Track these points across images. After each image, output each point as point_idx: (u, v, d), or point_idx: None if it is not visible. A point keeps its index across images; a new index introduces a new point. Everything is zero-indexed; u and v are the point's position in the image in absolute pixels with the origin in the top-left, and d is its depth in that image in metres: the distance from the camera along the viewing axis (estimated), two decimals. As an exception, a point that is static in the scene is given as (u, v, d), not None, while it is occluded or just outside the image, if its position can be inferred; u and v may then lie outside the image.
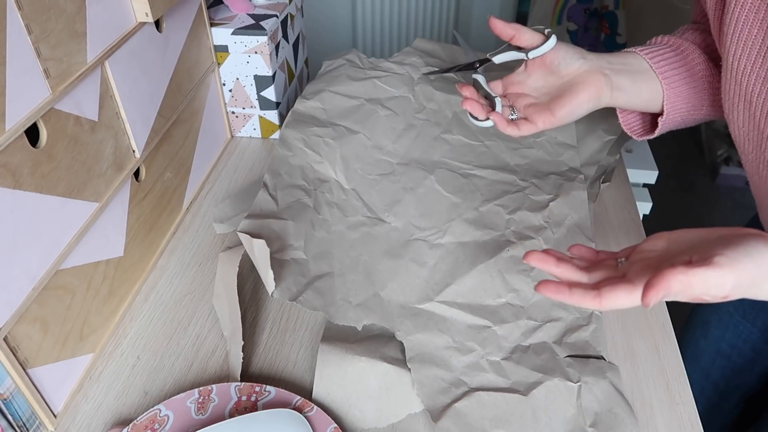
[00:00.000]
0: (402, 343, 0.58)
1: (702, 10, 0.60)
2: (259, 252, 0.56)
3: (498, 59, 0.57)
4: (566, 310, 0.61)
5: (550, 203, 0.69)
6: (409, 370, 0.55)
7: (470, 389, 0.54)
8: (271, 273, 0.55)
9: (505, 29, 0.55)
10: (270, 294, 0.56)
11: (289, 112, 0.77)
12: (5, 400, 0.48)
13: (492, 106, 0.57)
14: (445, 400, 0.53)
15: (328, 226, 0.67)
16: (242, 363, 0.56)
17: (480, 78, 0.58)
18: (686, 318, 0.85)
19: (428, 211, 0.70)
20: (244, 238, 0.58)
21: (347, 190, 0.71)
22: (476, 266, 0.63)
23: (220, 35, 0.80)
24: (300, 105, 0.77)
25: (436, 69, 0.64)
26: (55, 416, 0.54)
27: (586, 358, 0.57)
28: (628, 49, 0.59)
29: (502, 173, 0.74)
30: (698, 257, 0.38)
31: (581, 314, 0.60)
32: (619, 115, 0.62)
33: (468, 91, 0.57)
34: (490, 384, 0.55)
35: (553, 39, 0.55)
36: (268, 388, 0.54)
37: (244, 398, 0.53)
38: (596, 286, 0.40)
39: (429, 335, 0.58)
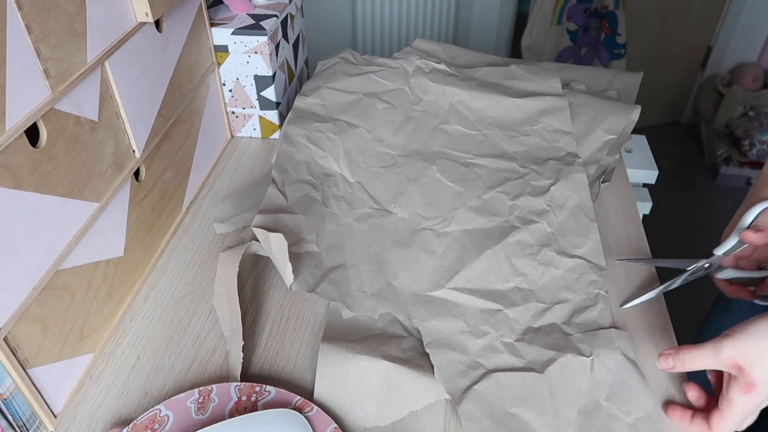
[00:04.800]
0: (402, 342, 0.58)
1: None
2: (276, 246, 0.57)
3: (722, 250, 0.57)
4: (573, 291, 0.62)
5: (551, 187, 0.71)
6: (410, 368, 0.55)
7: (488, 371, 0.55)
8: (289, 266, 0.56)
9: (759, 238, 0.55)
10: (288, 286, 0.57)
11: (291, 110, 0.78)
12: (5, 400, 0.48)
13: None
14: (465, 383, 0.54)
15: (337, 219, 0.68)
16: (242, 363, 0.56)
17: (728, 273, 0.59)
18: (699, 324, 0.85)
19: (432, 200, 0.71)
20: (260, 232, 0.59)
21: (352, 183, 0.73)
22: (483, 252, 0.64)
23: (220, 35, 0.80)
24: (300, 102, 0.79)
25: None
26: (55, 416, 0.54)
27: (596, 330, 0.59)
28: None
29: (502, 161, 0.75)
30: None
31: (588, 295, 0.62)
32: None
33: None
34: (506, 364, 0.56)
35: None
36: (268, 388, 0.54)
37: (244, 398, 0.53)
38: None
39: (443, 321, 0.59)
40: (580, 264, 0.64)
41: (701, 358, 0.49)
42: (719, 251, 0.58)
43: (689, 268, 0.59)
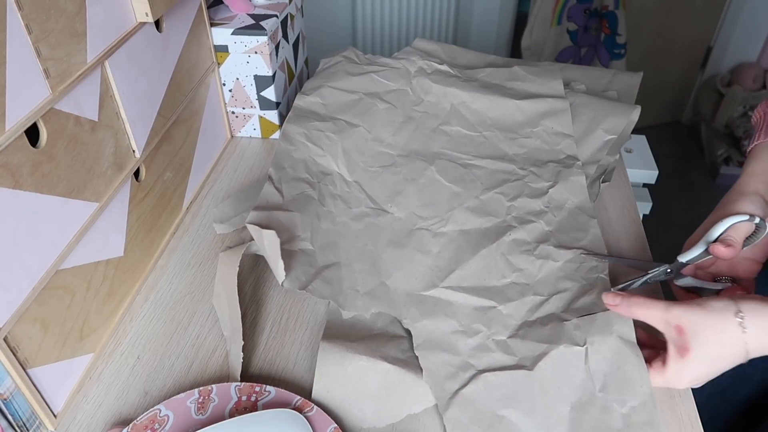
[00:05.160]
0: (402, 343, 0.58)
1: None
2: (269, 242, 0.57)
3: (687, 258, 0.58)
4: (573, 280, 0.62)
5: (550, 190, 0.71)
6: (409, 370, 0.55)
7: (477, 372, 0.54)
8: (281, 263, 0.56)
9: (729, 253, 0.54)
10: (280, 283, 0.57)
11: (291, 109, 0.78)
12: (5, 400, 0.48)
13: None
14: (453, 387, 0.53)
15: (333, 217, 0.68)
16: (242, 363, 0.56)
17: (687, 281, 0.59)
18: None
19: (430, 200, 0.71)
20: (254, 229, 0.59)
21: (350, 182, 0.72)
22: (479, 251, 0.64)
23: (220, 35, 0.80)
24: (300, 101, 0.79)
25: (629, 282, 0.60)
26: (55, 416, 0.54)
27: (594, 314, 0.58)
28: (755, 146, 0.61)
29: (501, 162, 0.75)
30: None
31: (587, 281, 0.61)
32: None
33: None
34: (497, 363, 0.55)
35: (764, 224, 0.55)
36: (268, 388, 0.54)
37: (244, 398, 0.53)
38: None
39: (435, 321, 0.59)
40: (580, 254, 0.64)
41: (650, 309, 0.51)
42: (683, 259, 0.58)
43: (651, 272, 0.59)
